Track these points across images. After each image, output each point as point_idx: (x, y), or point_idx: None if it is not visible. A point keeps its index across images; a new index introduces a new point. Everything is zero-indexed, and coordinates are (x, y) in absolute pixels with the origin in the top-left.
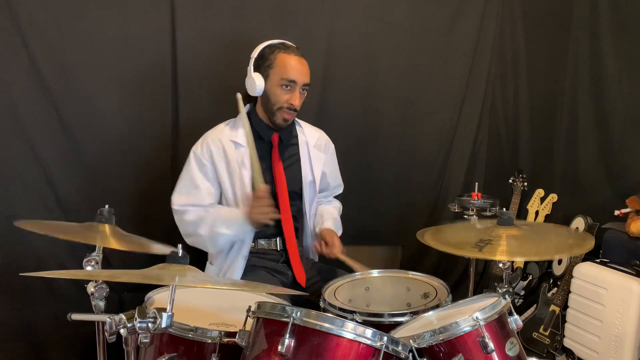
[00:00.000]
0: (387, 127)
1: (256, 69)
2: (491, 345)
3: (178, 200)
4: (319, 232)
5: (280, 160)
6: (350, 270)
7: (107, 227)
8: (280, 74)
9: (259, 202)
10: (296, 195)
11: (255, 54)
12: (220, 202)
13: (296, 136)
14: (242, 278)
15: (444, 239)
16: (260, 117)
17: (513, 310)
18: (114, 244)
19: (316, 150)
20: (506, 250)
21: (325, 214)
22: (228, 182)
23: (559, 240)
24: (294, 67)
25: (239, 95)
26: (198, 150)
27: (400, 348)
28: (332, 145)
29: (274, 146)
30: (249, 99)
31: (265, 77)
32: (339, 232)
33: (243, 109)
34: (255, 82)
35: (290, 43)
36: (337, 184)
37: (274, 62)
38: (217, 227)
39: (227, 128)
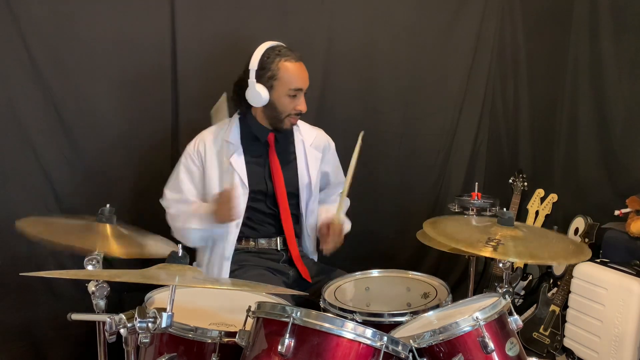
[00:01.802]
0: (387, 127)
1: (258, 80)
2: (491, 345)
3: (166, 195)
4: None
5: (278, 160)
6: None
7: (108, 228)
8: (287, 84)
9: (223, 202)
10: (293, 196)
11: (254, 64)
12: (205, 202)
13: (292, 135)
14: (243, 278)
15: (450, 234)
16: (257, 119)
17: (513, 310)
18: (115, 248)
19: (313, 149)
20: (520, 251)
21: (323, 212)
22: (217, 182)
23: (559, 245)
24: (298, 75)
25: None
26: (191, 149)
27: (400, 348)
28: (333, 144)
29: (271, 146)
30: (239, 101)
31: (269, 88)
32: (348, 226)
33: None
34: (261, 95)
35: (283, 45)
36: (338, 182)
37: (277, 72)
38: (189, 221)
39: (222, 129)
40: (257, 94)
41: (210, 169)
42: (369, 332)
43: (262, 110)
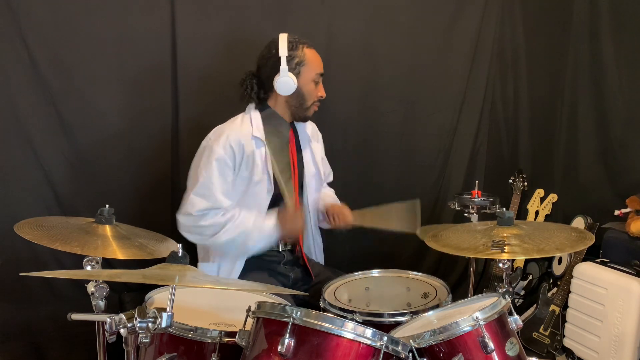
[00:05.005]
0: (387, 127)
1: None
2: (491, 345)
3: (198, 204)
4: (324, 210)
5: (296, 154)
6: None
7: (107, 228)
8: (315, 69)
9: (295, 217)
10: (300, 189)
11: (285, 52)
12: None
13: (298, 129)
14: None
15: (454, 245)
16: (277, 111)
17: (513, 310)
18: (115, 249)
19: (314, 141)
20: (527, 248)
21: (324, 196)
22: (246, 183)
23: (563, 235)
24: (319, 59)
25: None
26: (220, 150)
27: (400, 348)
28: (320, 134)
29: (292, 139)
30: (258, 95)
31: (297, 74)
32: None
33: None
34: (292, 82)
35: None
36: (328, 172)
37: (304, 58)
38: (247, 239)
39: (245, 124)
40: (289, 81)
41: (244, 170)
42: (368, 332)
43: (285, 100)
